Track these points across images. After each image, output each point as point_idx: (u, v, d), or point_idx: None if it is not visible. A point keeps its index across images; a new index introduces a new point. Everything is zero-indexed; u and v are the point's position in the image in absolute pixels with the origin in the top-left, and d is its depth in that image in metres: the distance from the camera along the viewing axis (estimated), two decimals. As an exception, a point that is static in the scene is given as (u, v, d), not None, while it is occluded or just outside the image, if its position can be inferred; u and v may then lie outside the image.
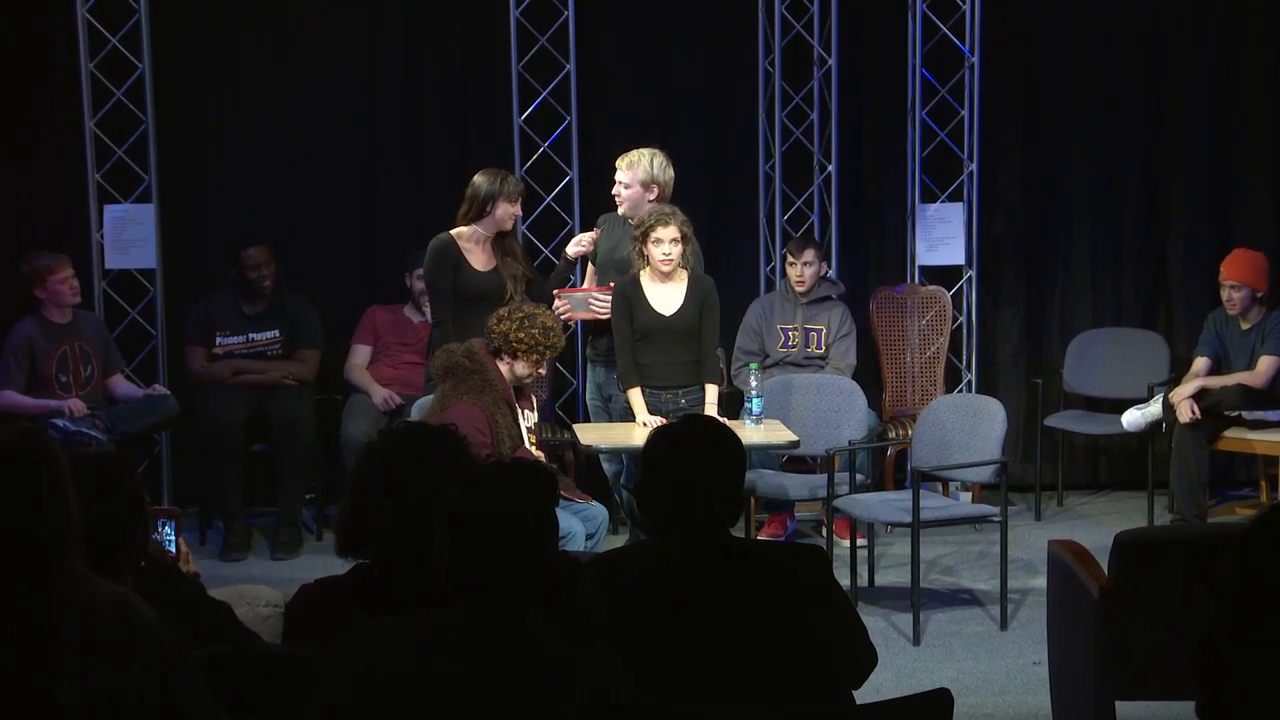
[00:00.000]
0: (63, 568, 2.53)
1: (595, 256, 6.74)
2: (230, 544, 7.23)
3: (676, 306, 6.30)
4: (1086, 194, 8.33)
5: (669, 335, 6.29)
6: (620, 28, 8.21)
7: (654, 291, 6.31)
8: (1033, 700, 5.19)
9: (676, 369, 6.32)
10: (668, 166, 6.53)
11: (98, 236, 7.69)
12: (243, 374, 7.41)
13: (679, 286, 6.32)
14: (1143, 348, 8.09)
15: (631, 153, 6.54)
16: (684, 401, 6.33)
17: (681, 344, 6.30)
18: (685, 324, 6.29)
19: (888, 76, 8.24)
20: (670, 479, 3.14)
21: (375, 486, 3.19)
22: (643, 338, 6.29)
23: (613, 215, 6.71)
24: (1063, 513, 8.00)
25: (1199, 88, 8.23)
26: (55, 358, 7.04)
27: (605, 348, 6.53)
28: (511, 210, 6.64)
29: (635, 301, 6.30)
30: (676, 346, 6.30)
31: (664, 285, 6.30)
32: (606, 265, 6.66)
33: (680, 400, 6.33)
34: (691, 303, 6.30)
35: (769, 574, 3.11)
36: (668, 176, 6.52)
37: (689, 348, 6.31)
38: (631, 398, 6.28)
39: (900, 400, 8.02)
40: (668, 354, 6.30)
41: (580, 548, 5.70)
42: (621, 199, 6.53)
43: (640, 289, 6.31)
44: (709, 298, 6.34)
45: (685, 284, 6.32)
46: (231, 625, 3.35)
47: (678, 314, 6.29)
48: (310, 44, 8.05)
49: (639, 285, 6.31)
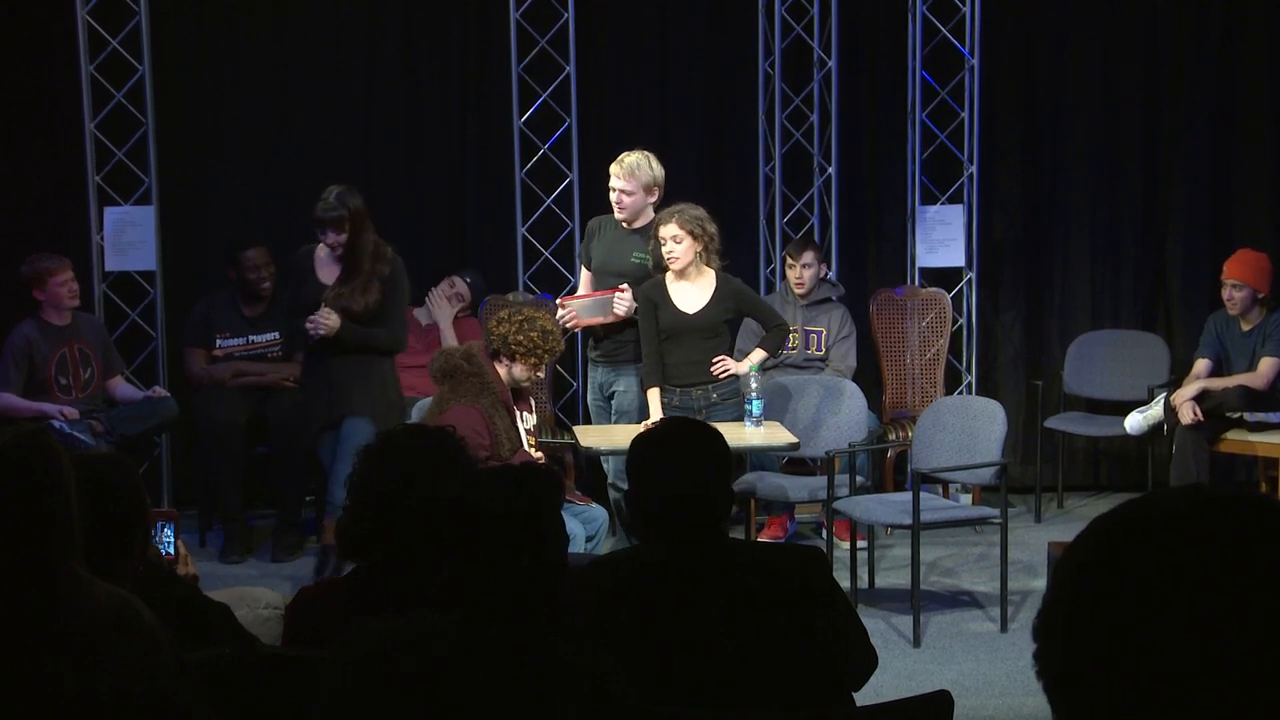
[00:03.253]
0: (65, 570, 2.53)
1: (592, 262, 6.72)
2: (230, 546, 7.23)
3: (700, 305, 6.36)
4: (1086, 196, 8.33)
5: (693, 333, 6.35)
6: (620, 30, 8.21)
7: (678, 291, 6.38)
8: (1033, 702, 5.18)
9: (703, 367, 6.38)
10: (659, 164, 6.56)
11: (98, 238, 7.69)
12: (242, 376, 7.41)
13: (705, 286, 6.36)
14: (1143, 349, 8.09)
15: (626, 158, 6.52)
16: (715, 396, 6.38)
17: (706, 341, 6.36)
18: (708, 322, 6.36)
19: (888, 78, 8.24)
20: (657, 482, 3.13)
21: (375, 489, 3.19)
22: (668, 337, 6.34)
23: (605, 219, 6.70)
24: (1063, 515, 8.00)
25: (1198, 90, 8.23)
26: (55, 360, 7.04)
27: (610, 348, 6.54)
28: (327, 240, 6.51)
29: (660, 302, 6.36)
30: (701, 344, 6.35)
31: (689, 284, 6.36)
32: (603, 271, 6.63)
33: (711, 395, 6.38)
34: (716, 303, 6.37)
35: (768, 576, 3.11)
36: (662, 175, 6.56)
37: (715, 345, 6.37)
38: (650, 397, 6.33)
39: (900, 402, 8.02)
40: (693, 352, 6.35)
41: (580, 549, 5.70)
42: (623, 205, 6.52)
43: (664, 289, 6.37)
44: (742, 295, 6.47)
45: (712, 283, 6.38)
46: (231, 627, 3.35)
47: (701, 312, 6.35)
48: (310, 46, 8.05)
49: (663, 286, 6.37)
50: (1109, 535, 1.18)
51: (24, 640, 2.46)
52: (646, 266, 6.47)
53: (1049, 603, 1.19)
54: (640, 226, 6.51)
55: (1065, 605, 1.18)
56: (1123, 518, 1.19)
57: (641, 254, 6.50)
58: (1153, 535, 1.16)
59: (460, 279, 7.74)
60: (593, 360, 6.73)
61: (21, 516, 2.50)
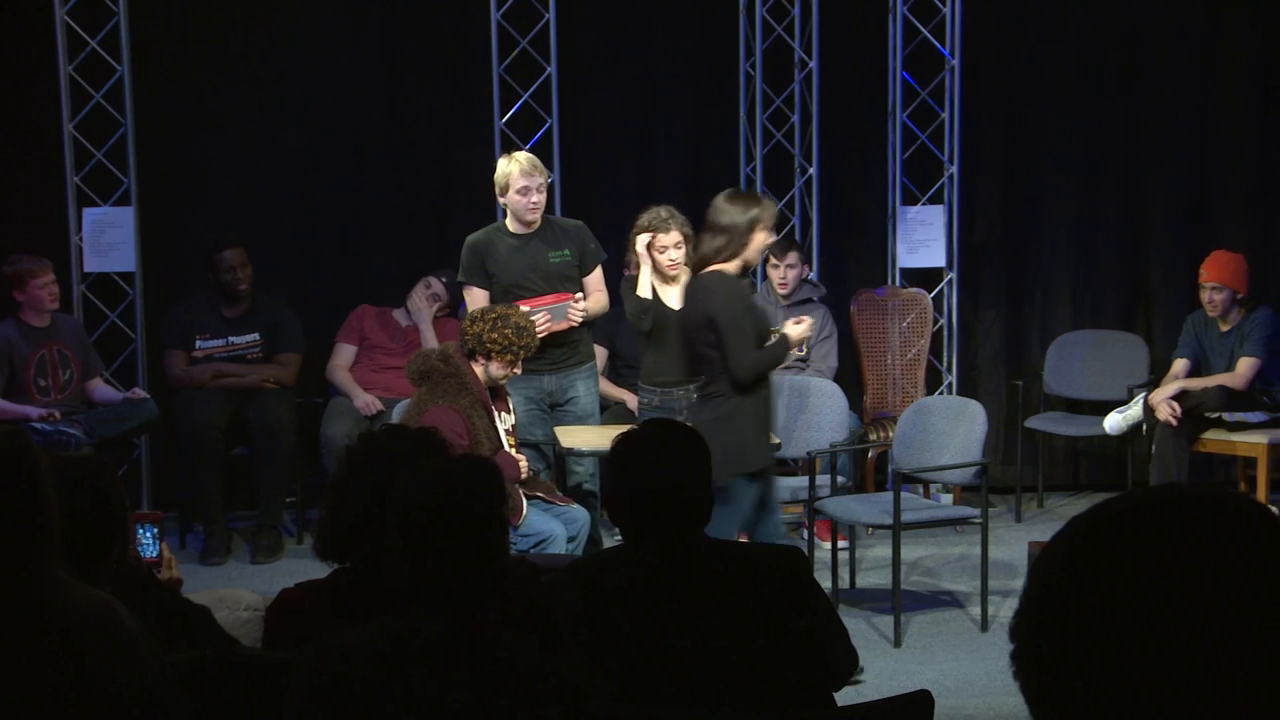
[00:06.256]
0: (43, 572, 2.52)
1: (493, 279, 6.46)
2: (210, 548, 7.20)
3: None
4: (1066, 196, 8.35)
5: (678, 329, 6.32)
6: (601, 30, 8.21)
7: (660, 288, 6.36)
8: (1014, 701, 5.19)
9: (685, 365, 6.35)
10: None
11: (76, 239, 7.66)
12: (223, 377, 7.39)
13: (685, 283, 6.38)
14: (1122, 349, 8.12)
15: (528, 156, 6.45)
16: (696, 397, 6.35)
17: None
18: None
19: (868, 79, 8.25)
20: (637, 483, 3.13)
21: (356, 490, 3.19)
22: (649, 334, 6.31)
23: (489, 233, 6.53)
24: (1043, 514, 8.02)
25: (1178, 90, 8.26)
26: (34, 362, 7.01)
27: (557, 355, 6.39)
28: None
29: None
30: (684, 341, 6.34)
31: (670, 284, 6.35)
32: (522, 286, 6.41)
33: (693, 395, 6.35)
34: None
35: (749, 576, 3.11)
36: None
37: None
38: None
39: (881, 402, 8.03)
40: (676, 349, 6.32)
41: (561, 550, 5.70)
42: (540, 206, 6.40)
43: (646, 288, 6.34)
44: None
45: None
46: (211, 630, 3.34)
47: None
48: (290, 46, 8.03)
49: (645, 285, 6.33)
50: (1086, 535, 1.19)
51: (2, 642, 2.45)
52: (572, 261, 6.42)
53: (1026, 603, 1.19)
54: (538, 228, 6.44)
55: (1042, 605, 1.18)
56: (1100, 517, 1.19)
57: (559, 252, 6.42)
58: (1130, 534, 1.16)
59: (436, 279, 7.70)
60: (529, 370, 6.28)
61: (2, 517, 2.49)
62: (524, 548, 5.59)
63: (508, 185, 6.39)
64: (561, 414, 6.47)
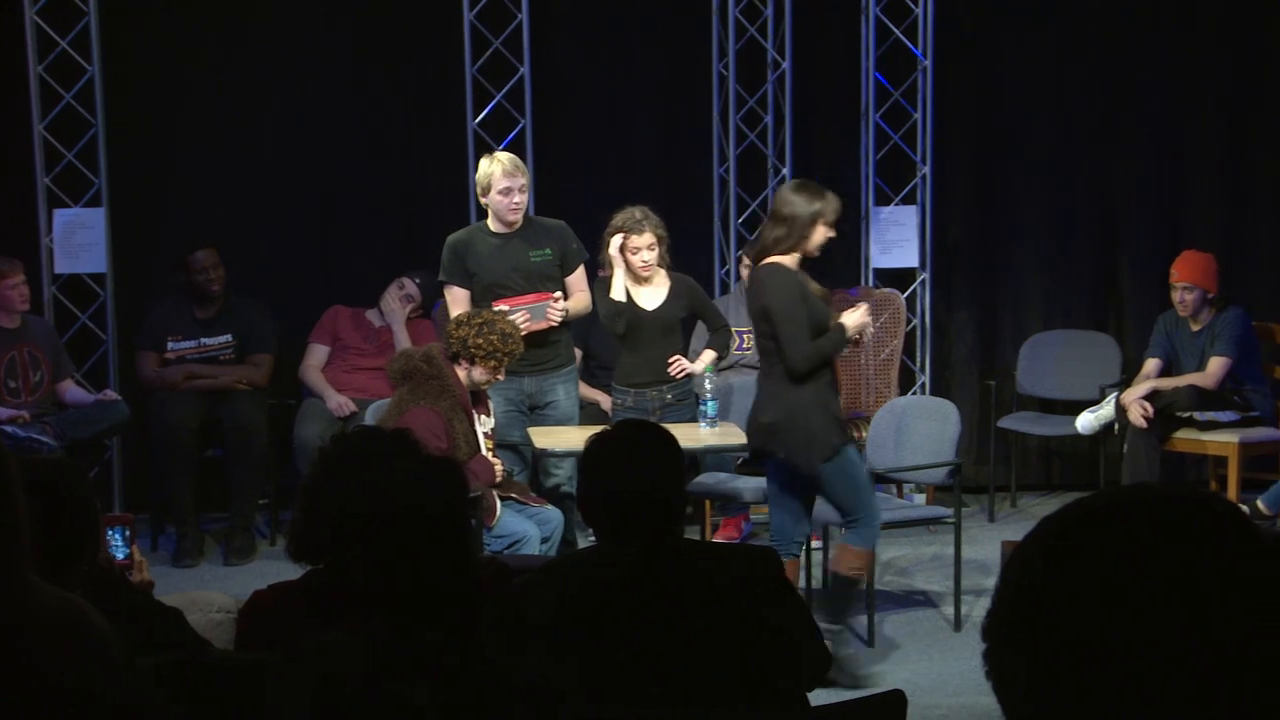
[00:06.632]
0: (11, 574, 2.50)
1: (474, 278, 6.42)
2: (183, 550, 7.18)
3: (659, 301, 6.38)
4: (1039, 196, 8.38)
5: (651, 330, 6.35)
6: (575, 31, 8.21)
7: (634, 289, 6.40)
8: (986, 701, 5.16)
9: (658, 366, 6.36)
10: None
11: (47, 241, 7.62)
12: (195, 379, 7.36)
13: (660, 283, 6.44)
14: (1094, 349, 8.15)
15: (510, 156, 6.45)
16: (670, 397, 6.37)
17: (662, 339, 6.36)
18: (668, 318, 6.38)
19: (841, 80, 8.27)
20: (610, 484, 3.12)
21: (329, 491, 3.18)
22: (623, 336, 6.33)
23: (470, 233, 6.51)
24: (1016, 514, 8.04)
25: (1150, 91, 8.29)
26: (4, 363, 6.97)
27: (538, 356, 6.32)
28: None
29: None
30: (657, 342, 6.35)
31: (643, 284, 6.37)
32: (503, 285, 6.38)
33: (666, 396, 6.37)
34: (673, 299, 6.42)
35: (722, 577, 3.11)
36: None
37: (671, 342, 6.38)
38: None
39: (854, 402, 8.03)
40: (649, 350, 6.34)
41: (534, 551, 5.69)
42: (522, 206, 6.40)
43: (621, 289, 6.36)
44: (694, 292, 6.53)
45: (667, 281, 6.44)
46: (183, 632, 3.32)
47: (661, 308, 6.38)
48: (262, 46, 8.01)
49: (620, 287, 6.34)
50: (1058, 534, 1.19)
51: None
52: (553, 261, 6.42)
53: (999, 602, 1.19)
54: (519, 227, 6.43)
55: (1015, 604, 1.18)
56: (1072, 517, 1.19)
57: (540, 251, 6.41)
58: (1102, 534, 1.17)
59: (409, 280, 7.68)
60: (509, 372, 6.17)
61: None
62: (497, 549, 5.59)
63: (489, 186, 6.38)
64: (541, 417, 6.45)
